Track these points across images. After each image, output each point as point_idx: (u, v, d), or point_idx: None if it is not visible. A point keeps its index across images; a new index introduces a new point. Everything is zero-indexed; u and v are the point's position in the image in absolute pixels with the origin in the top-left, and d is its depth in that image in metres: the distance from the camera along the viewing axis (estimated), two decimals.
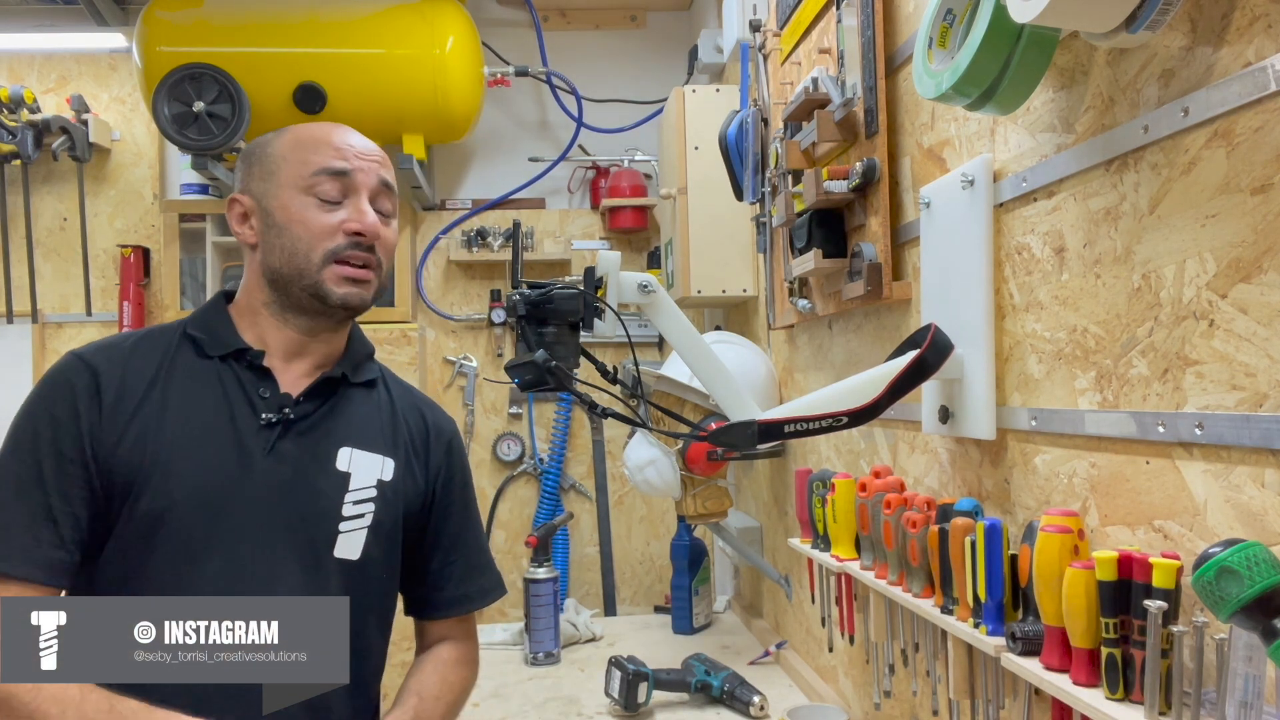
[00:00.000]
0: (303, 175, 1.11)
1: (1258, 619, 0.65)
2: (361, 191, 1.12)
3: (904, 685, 1.33)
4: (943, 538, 1.07)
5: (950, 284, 1.16)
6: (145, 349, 1.11)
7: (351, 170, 1.12)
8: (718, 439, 1.14)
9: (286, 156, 1.12)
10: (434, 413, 1.29)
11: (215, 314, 1.16)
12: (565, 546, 3.18)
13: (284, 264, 1.11)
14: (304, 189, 1.11)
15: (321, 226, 1.10)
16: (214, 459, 1.07)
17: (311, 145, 1.13)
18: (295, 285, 1.11)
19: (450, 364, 3.22)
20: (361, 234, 1.11)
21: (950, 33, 0.99)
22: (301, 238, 1.10)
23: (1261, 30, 0.70)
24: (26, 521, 1.00)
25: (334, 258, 1.10)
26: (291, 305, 1.13)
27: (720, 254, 2.33)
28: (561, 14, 3.27)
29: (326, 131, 1.14)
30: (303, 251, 1.10)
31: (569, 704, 1.82)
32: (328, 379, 1.16)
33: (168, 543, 1.03)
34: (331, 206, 1.11)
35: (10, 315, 3.09)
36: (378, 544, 1.15)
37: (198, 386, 1.10)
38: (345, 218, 1.11)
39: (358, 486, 1.14)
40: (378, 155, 1.16)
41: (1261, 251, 0.71)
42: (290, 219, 1.11)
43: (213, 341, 1.13)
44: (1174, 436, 0.80)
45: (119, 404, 1.06)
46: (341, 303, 1.11)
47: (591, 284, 1.13)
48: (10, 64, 3.16)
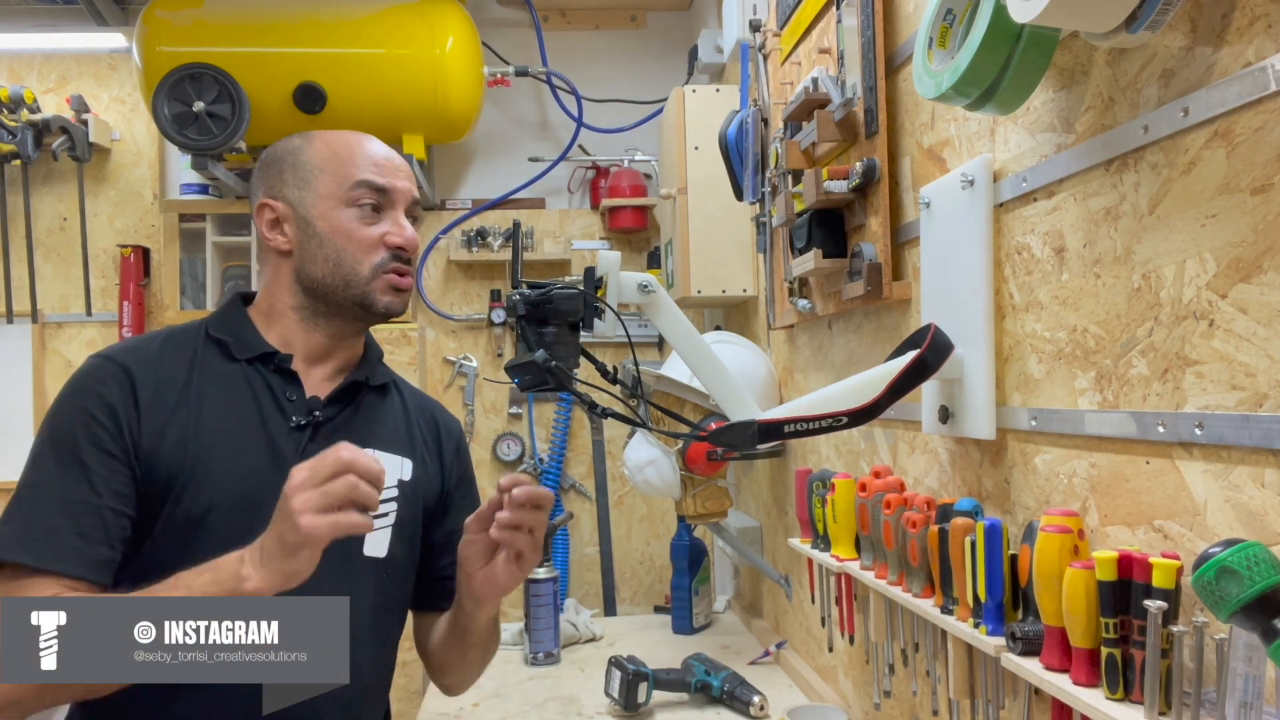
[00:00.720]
0: (343, 187, 1.14)
1: (1258, 619, 0.65)
2: (399, 205, 1.17)
3: (904, 685, 1.33)
4: (943, 538, 1.07)
5: (950, 284, 1.16)
6: (172, 351, 1.12)
7: (390, 187, 1.16)
8: (718, 439, 1.14)
9: (323, 167, 1.15)
10: (442, 413, 1.33)
11: (237, 316, 1.18)
12: (565, 546, 3.18)
13: (329, 274, 1.14)
14: (346, 201, 1.14)
15: (367, 239, 1.14)
16: (250, 462, 1.08)
17: (349, 157, 1.16)
18: (340, 294, 1.14)
19: (450, 364, 3.22)
20: (404, 248, 1.16)
21: (950, 33, 0.99)
22: (347, 250, 1.14)
23: (1261, 30, 0.70)
24: (73, 520, 1.00)
25: (382, 270, 1.15)
26: (328, 311, 1.16)
27: (720, 254, 2.33)
28: (561, 14, 3.27)
29: (360, 143, 1.18)
30: (349, 263, 1.14)
31: (569, 704, 1.82)
32: (353, 383, 1.19)
33: (207, 545, 1.02)
34: (372, 218, 1.15)
35: (10, 315, 3.09)
36: (401, 542, 1.19)
37: (228, 389, 1.11)
38: (387, 231, 1.15)
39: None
40: (407, 169, 1.20)
41: (1261, 251, 0.71)
42: (334, 230, 1.14)
43: (239, 344, 1.14)
44: (1174, 436, 0.80)
45: (155, 404, 1.07)
46: (386, 310, 1.16)
47: (591, 284, 1.13)
48: (10, 64, 3.16)
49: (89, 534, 1.00)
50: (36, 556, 0.98)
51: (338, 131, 1.20)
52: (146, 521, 1.04)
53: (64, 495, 1.01)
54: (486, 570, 1.08)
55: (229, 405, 1.10)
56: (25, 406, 3.07)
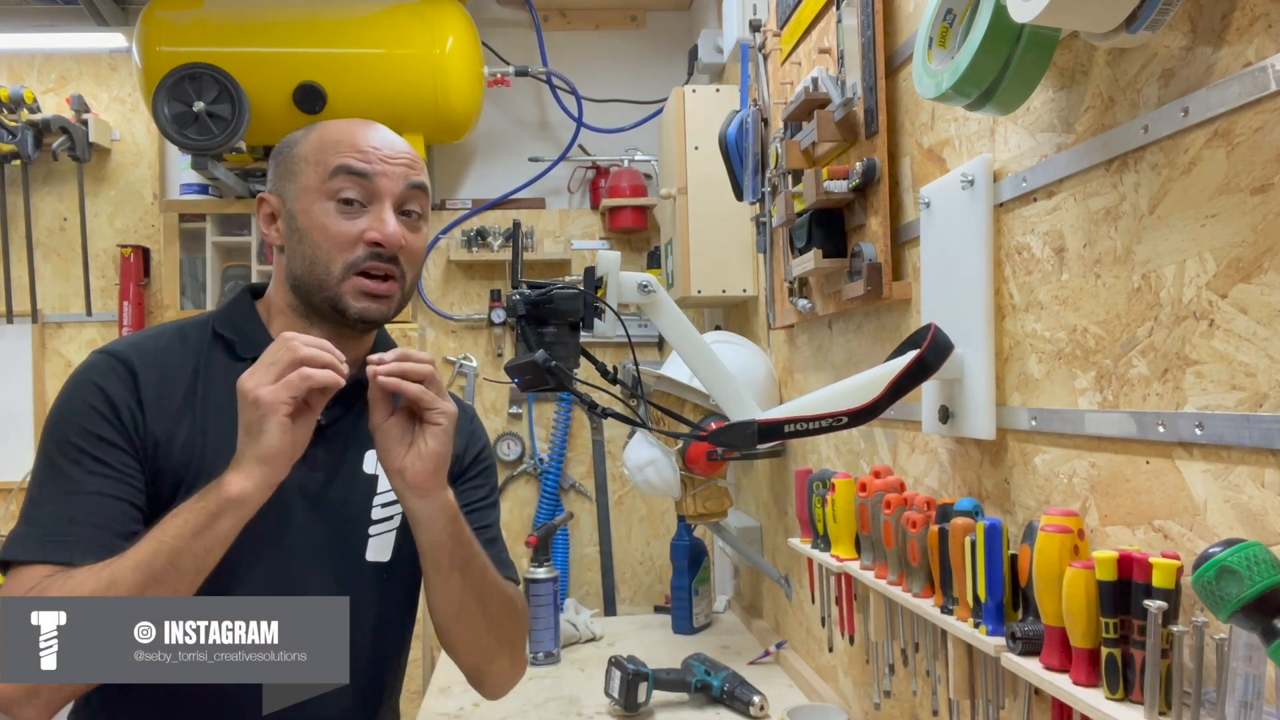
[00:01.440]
0: (323, 178, 1.07)
1: (1258, 619, 0.65)
2: (385, 197, 1.07)
3: (904, 685, 1.33)
4: (943, 538, 1.07)
5: (950, 284, 1.16)
6: (178, 349, 1.09)
7: (374, 174, 1.06)
8: (718, 439, 1.14)
9: (309, 157, 1.09)
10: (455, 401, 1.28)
11: (244, 312, 1.14)
12: (565, 546, 3.18)
13: (305, 272, 1.08)
14: (325, 192, 1.06)
15: (341, 235, 1.06)
16: None
17: (333, 145, 1.08)
18: (316, 295, 1.08)
19: (450, 364, 3.22)
20: (381, 245, 1.06)
21: (950, 33, 0.99)
22: (321, 246, 1.06)
23: (1261, 30, 0.70)
24: (87, 511, 0.98)
25: (354, 270, 1.06)
26: (313, 312, 1.11)
27: (720, 254, 2.33)
28: (561, 14, 3.27)
29: (351, 129, 1.10)
30: (323, 261, 1.06)
31: (569, 704, 1.82)
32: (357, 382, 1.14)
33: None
34: (353, 212, 1.07)
35: (10, 315, 3.09)
36: (408, 544, 1.12)
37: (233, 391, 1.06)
38: (366, 226, 1.06)
39: (385, 489, 1.14)
40: (406, 156, 1.10)
41: (1261, 251, 0.71)
42: (311, 225, 1.07)
43: (244, 343, 1.10)
44: (1174, 436, 0.80)
45: (160, 401, 1.04)
46: (359, 317, 1.08)
47: (591, 284, 1.13)
48: (10, 64, 3.16)
49: (102, 524, 0.98)
50: (54, 552, 0.95)
51: (342, 120, 1.13)
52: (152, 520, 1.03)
53: (74, 488, 0.99)
54: (411, 453, 1.01)
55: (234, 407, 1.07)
56: (25, 406, 3.08)
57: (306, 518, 1.08)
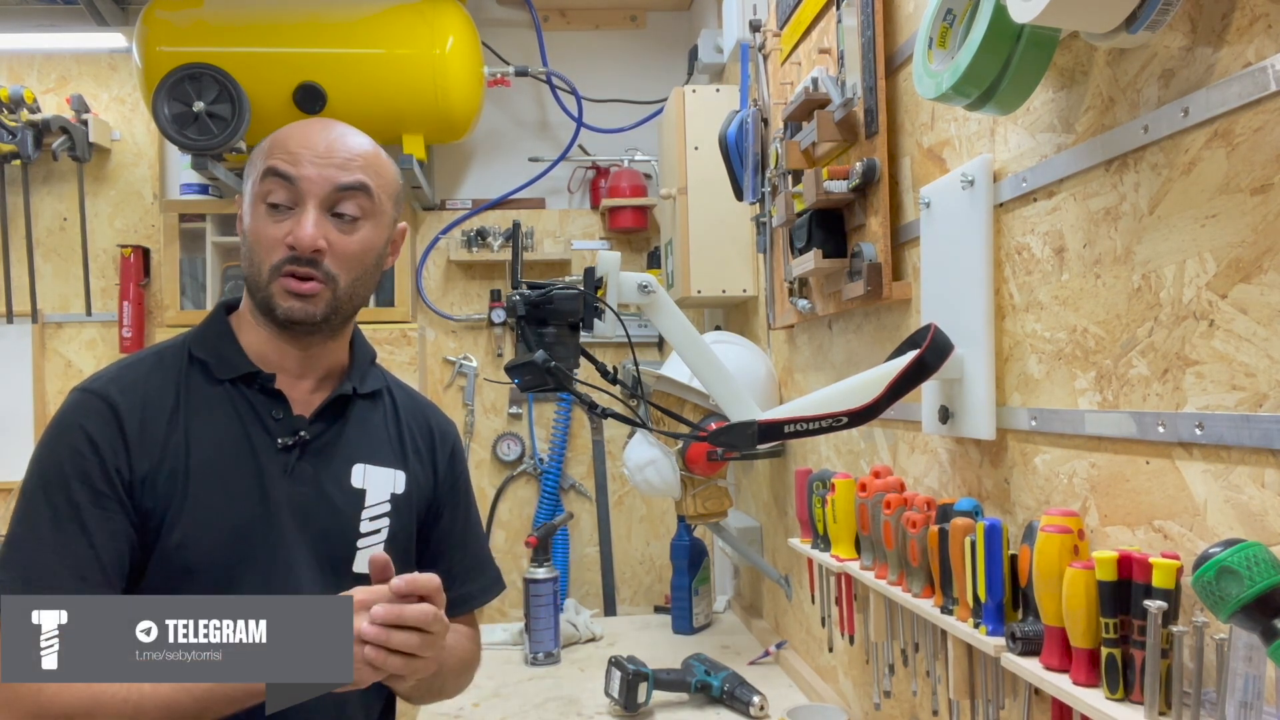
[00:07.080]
0: (256, 180, 1.07)
1: (1258, 619, 0.65)
2: (307, 199, 1.05)
3: (904, 685, 1.33)
4: (943, 538, 1.07)
5: (950, 284, 1.17)
6: (158, 375, 1.09)
7: (297, 176, 1.04)
8: (718, 439, 1.14)
9: (255, 160, 1.09)
10: (436, 417, 1.29)
11: (218, 331, 1.14)
12: (565, 546, 3.18)
13: (247, 274, 1.09)
14: (259, 195, 1.06)
15: (267, 238, 1.05)
16: (239, 488, 1.06)
17: (270, 147, 1.08)
18: (256, 296, 1.09)
19: (450, 364, 3.22)
20: (293, 247, 1.04)
21: (950, 33, 0.99)
22: (255, 249, 1.07)
23: (1261, 30, 0.70)
24: (72, 564, 0.98)
25: (279, 272, 1.05)
26: (259, 315, 1.10)
27: (720, 254, 2.33)
28: (561, 14, 3.27)
29: (295, 130, 1.09)
30: (256, 264, 1.07)
31: (569, 704, 1.82)
32: (339, 396, 1.15)
33: (201, 575, 1.03)
34: (280, 215, 1.05)
35: (10, 315, 3.09)
36: (395, 557, 1.11)
37: (214, 415, 1.08)
38: (290, 229, 1.05)
39: (373, 502, 1.15)
40: (341, 156, 1.07)
41: (1261, 251, 0.71)
42: (248, 228, 1.08)
43: (221, 364, 1.10)
44: (1174, 436, 0.80)
45: (143, 435, 1.04)
46: (286, 317, 1.06)
47: (591, 284, 1.13)
48: (10, 64, 3.15)
49: (88, 576, 0.99)
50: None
51: (301, 121, 1.12)
52: (141, 553, 1.03)
53: (59, 538, 0.99)
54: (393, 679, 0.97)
55: (215, 432, 1.07)
56: (25, 407, 3.08)
57: (296, 532, 1.09)
